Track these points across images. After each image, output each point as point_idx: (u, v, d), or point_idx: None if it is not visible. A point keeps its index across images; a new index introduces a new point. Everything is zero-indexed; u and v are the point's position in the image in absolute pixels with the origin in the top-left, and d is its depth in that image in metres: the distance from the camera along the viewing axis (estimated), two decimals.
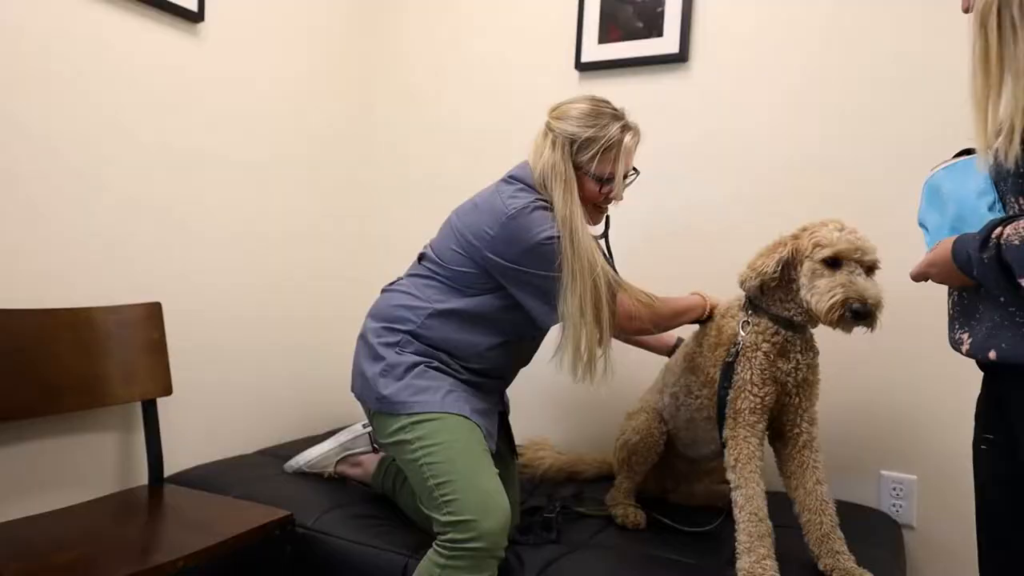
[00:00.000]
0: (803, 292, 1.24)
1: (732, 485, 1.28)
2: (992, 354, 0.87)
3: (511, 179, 1.38)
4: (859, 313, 1.16)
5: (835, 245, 1.20)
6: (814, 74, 1.70)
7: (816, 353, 1.35)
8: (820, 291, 1.20)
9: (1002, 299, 0.87)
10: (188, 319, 1.72)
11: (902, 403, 1.61)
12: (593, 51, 1.91)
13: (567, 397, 1.97)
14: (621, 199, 1.42)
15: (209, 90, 1.75)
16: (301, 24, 2.00)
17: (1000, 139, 0.87)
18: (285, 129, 1.98)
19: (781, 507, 1.33)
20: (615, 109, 1.38)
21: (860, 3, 1.65)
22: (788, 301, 1.29)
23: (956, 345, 0.96)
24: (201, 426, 1.78)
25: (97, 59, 1.51)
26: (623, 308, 1.36)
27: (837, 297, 1.17)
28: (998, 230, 0.83)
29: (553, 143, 1.34)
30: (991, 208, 0.91)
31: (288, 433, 2.02)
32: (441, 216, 1.48)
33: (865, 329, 1.20)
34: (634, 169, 1.43)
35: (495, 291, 1.36)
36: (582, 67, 1.93)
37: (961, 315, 0.96)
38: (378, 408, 1.34)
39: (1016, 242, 0.80)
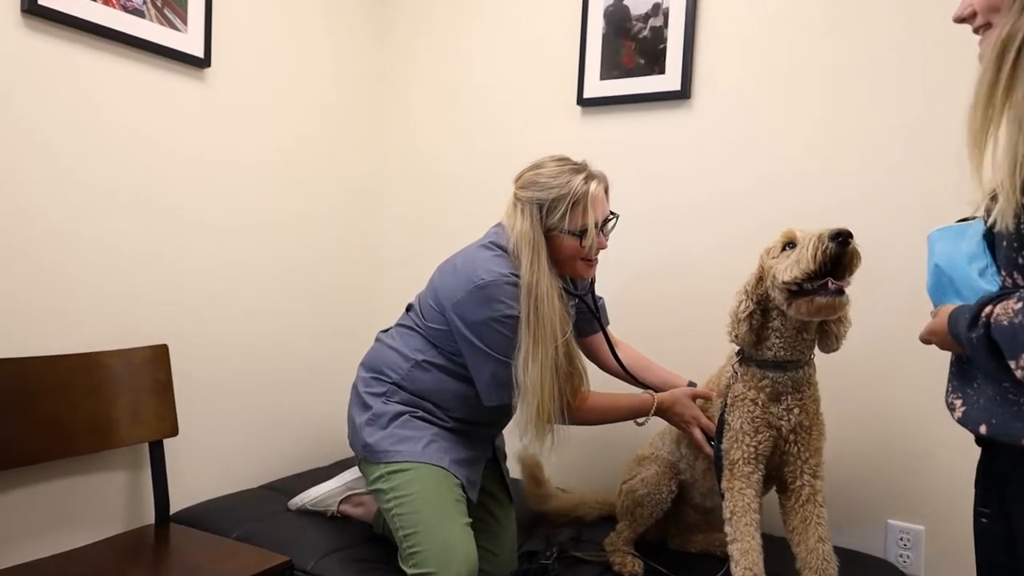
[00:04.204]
0: (781, 275, 1.19)
1: (728, 538, 1.27)
2: (983, 428, 0.84)
3: (491, 244, 1.38)
4: (836, 235, 1.11)
5: (783, 236, 1.24)
6: (821, 112, 1.66)
7: (813, 393, 1.31)
8: (796, 255, 1.17)
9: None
10: (194, 358, 1.75)
11: (910, 452, 1.57)
12: (595, 87, 1.91)
13: (574, 434, 1.96)
14: (606, 246, 1.42)
15: (215, 136, 1.79)
16: (309, 66, 2.04)
17: (1000, 199, 0.81)
18: (292, 174, 2.01)
19: (787, 553, 1.31)
20: (575, 163, 1.38)
21: (869, 45, 1.61)
22: (770, 339, 1.27)
23: (949, 408, 0.92)
24: (208, 462, 1.81)
25: (108, 109, 1.56)
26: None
27: (812, 242, 1.14)
28: (988, 308, 0.79)
29: (522, 211, 1.35)
30: (982, 274, 0.88)
31: (293, 466, 2.04)
32: (435, 259, 1.49)
33: (847, 273, 1.15)
34: (612, 213, 1.41)
35: None
36: (584, 103, 1.93)
37: (957, 378, 0.92)
38: (363, 456, 1.38)
39: (1004, 322, 0.76)
